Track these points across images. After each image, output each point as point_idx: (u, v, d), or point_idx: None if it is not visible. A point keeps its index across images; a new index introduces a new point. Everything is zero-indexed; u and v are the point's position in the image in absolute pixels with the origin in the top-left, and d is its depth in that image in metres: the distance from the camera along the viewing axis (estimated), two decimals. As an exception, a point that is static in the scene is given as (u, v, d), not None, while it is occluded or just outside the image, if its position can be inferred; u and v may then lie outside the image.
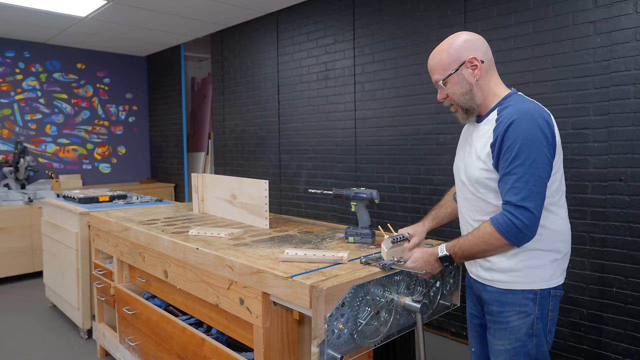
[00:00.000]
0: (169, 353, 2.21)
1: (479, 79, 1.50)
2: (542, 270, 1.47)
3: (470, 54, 1.48)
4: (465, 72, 1.49)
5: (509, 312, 1.49)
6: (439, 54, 1.53)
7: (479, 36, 1.54)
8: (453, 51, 1.50)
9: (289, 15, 4.40)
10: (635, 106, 2.45)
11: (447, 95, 1.54)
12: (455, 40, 1.52)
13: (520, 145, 1.36)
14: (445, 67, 1.51)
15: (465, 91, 1.50)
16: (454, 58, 1.50)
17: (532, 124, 1.37)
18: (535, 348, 1.48)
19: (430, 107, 3.33)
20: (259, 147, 4.84)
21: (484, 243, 1.41)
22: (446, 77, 1.51)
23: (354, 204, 2.00)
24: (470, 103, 1.51)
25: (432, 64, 1.55)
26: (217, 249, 1.88)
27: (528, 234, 1.36)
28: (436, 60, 1.53)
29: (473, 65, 1.49)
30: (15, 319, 3.70)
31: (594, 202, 2.61)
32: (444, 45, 1.53)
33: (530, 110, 1.40)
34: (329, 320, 1.36)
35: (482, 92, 1.51)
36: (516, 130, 1.37)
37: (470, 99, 1.51)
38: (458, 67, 1.49)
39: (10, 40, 5.45)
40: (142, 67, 6.61)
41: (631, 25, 2.44)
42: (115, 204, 3.48)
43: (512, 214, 1.35)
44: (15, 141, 5.40)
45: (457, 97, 1.51)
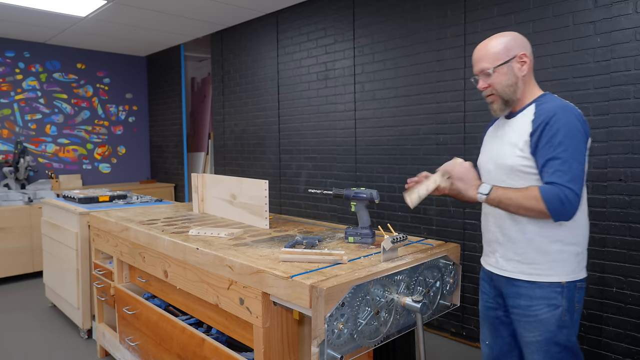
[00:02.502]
0: (169, 353, 2.21)
1: (525, 75, 1.61)
2: (567, 263, 1.54)
3: (522, 50, 1.60)
4: (514, 65, 1.59)
5: (539, 306, 1.55)
6: (490, 45, 1.62)
7: (525, 38, 1.65)
8: (506, 45, 1.60)
9: (289, 15, 4.40)
10: (635, 106, 2.45)
11: (489, 84, 1.62)
12: (507, 35, 1.62)
13: (564, 134, 1.45)
14: (497, 58, 1.59)
15: (511, 83, 1.59)
16: (506, 50, 1.59)
17: (573, 117, 1.49)
18: (566, 338, 1.55)
19: (430, 107, 3.33)
20: (259, 147, 4.84)
21: (525, 199, 1.46)
22: (496, 67, 1.59)
23: (354, 204, 2.00)
24: (512, 95, 1.61)
25: (481, 54, 1.64)
26: (217, 249, 1.88)
27: (567, 212, 1.44)
28: (487, 50, 1.62)
29: (522, 61, 1.59)
30: (15, 319, 3.70)
31: (593, 202, 2.61)
32: (496, 38, 1.63)
33: (569, 106, 1.52)
34: (329, 320, 1.36)
35: (524, 87, 1.62)
36: (559, 121, 1.47)
37: (513, 91, 1.60)
38: (509, 60, 1.58)
39: (10, 40, 5.45)
40: (142, 67, 6.61)
41: (631, 25, 2.44)
42: (115, 204, 3.48)
43: (560, 189, 1.43)
44: (15, 141, 5.40)
45: (501, 88, 1.60)
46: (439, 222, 3.33)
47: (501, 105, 1.63)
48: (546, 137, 1.48)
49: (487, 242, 1.74)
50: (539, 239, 1.54)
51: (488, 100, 1.67)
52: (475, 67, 1.67)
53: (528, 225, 1.55)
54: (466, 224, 3.18)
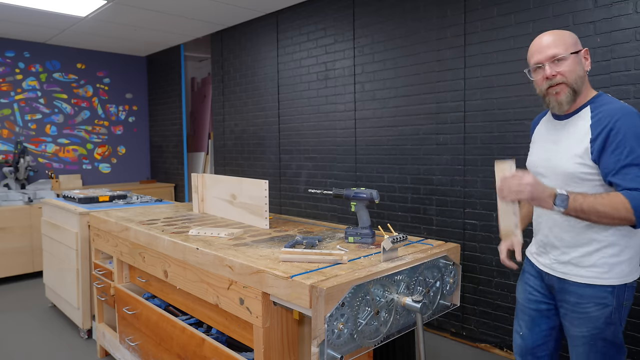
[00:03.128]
0: (169, 353, 2.21)
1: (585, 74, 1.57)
2: (621, 266, 1.52)
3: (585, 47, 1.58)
4: (583, 57, 1.57)
5: (588, 304, 1.55)
6: (561, 34, 1.57)
7: None
8: (574, 38, 1.58)
9: (289, 15, 4.40)
10: (635, 106, 2.43)
11: (559, 73, 1.54)
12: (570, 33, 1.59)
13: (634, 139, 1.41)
14: (570, 46, 1.55)
15: (582, 74, 1.55)
16: (576, 42, 1.57)
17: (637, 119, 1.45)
18: (613, 334, 1.56)
19: (430, 107, 3.33)
20: (259, 147, 4.84)
21: (611, 207, 1.40)
22: (570, 54, 1.53)
23: (354, 204, 2.00)
24: (581, 87, 1.55)
25: (551, 40, 1.56)
26: (217, 249, 1.88)
27: None
28: (558, 38, 1.56)
29: (586, 57, 1.58)
30: (15, 319, 3.70)
31: (594, 202, 2.61)
32: (562, 31, 1.59)
33: (630, 108, 1.48)
34: (329, 320, 1.36)
35: (586, 85, 1.58)
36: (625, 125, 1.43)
37: (582, 83, 1.55)
38: (579, 51, 1.56)
39: (10, 40, 5.45)
40: (142, 67, 6.61)
41: (631, 25, 2.44)
42: (115, 204, 3.48)
43: None
44: (15, 141, 5.40)
45: (574, 76, 1.53)
46: (439, 222, 3.33)
47: (569, 96, 1.54)
48: (614, 144, 1.43)
49: (540, 243, 1.71)
50: (596, 244, 1.53)
51: (553, 90, 1.56)
52: (540, 54, 1.56)
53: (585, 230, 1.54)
54: (466, 224, 3.18)
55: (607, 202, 1.40)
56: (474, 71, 3.08)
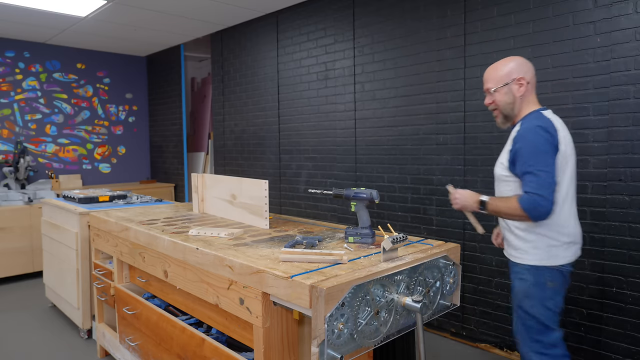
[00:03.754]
0: (169, 353, 2.21)
1: (522, 95, 1.92)
2: (537, 251, 1.88)
3: (521, 74, 1.91)
4: (513, 87, 1.92)
5: (515, 278, 1.95)
6: (496, 68, 1.96)
7: (530, 63, 1.95)
8: (508, 69, 1.92)
9: (289, 15, 4.40)
10: (635, 106, 2.45)
11: (493, 101, 1.96)
12: (511, 60, 1.95)
13: (531, 152, 1.79)
14: (500, 79, 1.93)
15: (510, 101, 1.93)
16: (508, 74, 1.92)
17: (538, 136, 1.79)
18: (530, 307, 1.88)
19: (430, 107, 3.33)
20: (259, 147, 4.84)
21: (511, 209, 1.81)
22: (498, 87, 1.93)
23: (354, 204, 2.00)
24: (510, 112, 1.95)
25: (489, 75, 1.97)
26: (217, 249, 1.88)
27: (541, 213, 1.76)
28: (491, 73, 1.96)
29: (520, 83, 1.91)
30: (15, 319, 3.70)
31: (594, 202, 2.61)
32: (501, 62, 1.96)
33: (533, 125, 1.82)
34: (329, 320, 1.36)
35: (520, 106, 1.94)
36: (527, 141, 1.81)
37: (511, 108, 1.94)
38: (510, 81, 1.91)
39: (10, 40, 5.45)
40: (142, 67, 6.61)
41: (631, 25, 2.44)
42: (115, 204, 3.48)
43: (530, 196, 1.76)
44: (15, 141, 5.40)
45: (502, 105, 1.94)
46: (439, 222, 3.33)
47: (502, 119, 1.98)
48: (519, 155, 1.82)
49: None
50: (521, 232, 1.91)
51: (493, 114, 2.02)
52: (484, 85, 2.00)
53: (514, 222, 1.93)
54: (466, 224, 3.18)
55: (508, 205, 1.82)
56: (474, 71, 3.08)
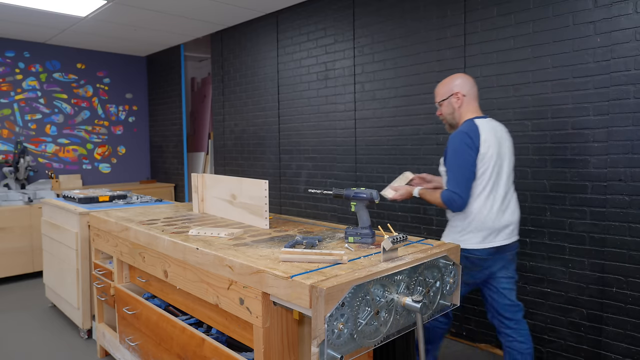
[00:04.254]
0: (169, 353, 2.21)
1: (460, 107, 2.29)
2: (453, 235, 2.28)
3: (458, 89, 2.28)
4: (452, 100, 2.30)
5: None
6: (440, 85, 2.35)
7: (470, 78, 2.32)
8: (449, 86, 2.31)
9: (289, 15, 4.40)
10: (635, 106, 2.45)
11: (441, 112, 2.37)
12: (456, 78, 2.32)
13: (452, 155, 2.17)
14: (442, 94, 2.33)
15: (451, 112, 2.33)
16: (449, 89, 2.31)
17: (459, 141, 2.16)
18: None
19: (430, 107, 3.33)
20: (259, 147, 4.84)
21: (436, 200, 2.24)
22: (441, 101, 2.34)
23: (354, 204, 2.00)
24: (452, 121, 2.34)
25: (436, 91, 2.37)
26: (217, 249, 1.88)
27: (457, 207, 2.17)
28: (437, 89, 2.36)
29: (457, 97, 2.28)
30: (15, 319, 3.70)
31: (594, 202, 2.61)
32: (446, 79, 2.34)
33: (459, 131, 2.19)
34: (329, 320, 1.36)
35: (460, 115, 2.31)
36: (450, 146, 2.19)
37: (452, 118, 2.33)
38: (449, 96, 2.30)
39: (10, 40, 5.45)
40: (142, 67, 6.61)
41: (631, 25, 2.44)
42: (115, 204, 3.48)
43: (447, 193, 2.17)
44: (15, 141, 5.40)
45: (446, 115, 2.35)
46: (439, 222, 3.33)
47: (448, 126, 2.39)
48: (445, 156, 2.21)
49: None
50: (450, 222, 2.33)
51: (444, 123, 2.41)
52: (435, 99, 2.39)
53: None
54: (466, 224, 3.18)
55: (434, 197, 2.24)
56: (474, 71, 3.08)
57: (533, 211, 2.86)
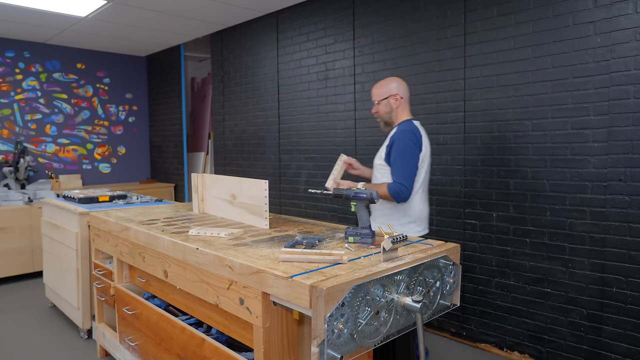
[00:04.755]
0: (169, 353, 2.21)
1: (397, 108, 2.48)
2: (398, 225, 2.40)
3: (397, 92, 2.47)
4: (391, 101, 2.48)
5: None
6: (379, 85, 2.52)
7: (405, 82, 2.52)
8: (387, 87, 2.49)
9: (289, 15, 4.40)
10: (635, 106, 2.45)
11: (377, 111, 2.52)
12: (392, 80, 2.51)
13: (399, 151, 2.34)
14: (382, 95, 2.49)
15: (388, 111, 2.50)
16: (387, 90, 2.48)
17: (406, 139, 2.35)
18: None
19: (430, 107, 3.33)
20: (259, 147, 4.84)
21: (382, 192, 2.30)
22: (381, 100, 2.49)
23: (354, 204, 2.00)
24: (389, 119, 2.51)
25: (374, 90, 2.52)
26: (217, 249, 1.88)
27: (402, 197, 2.30)
28: (376, 89, 2.52)
29: (396, 99, 2.47)
30: (15, 319, 3.70)
31: (594, 202, 2.61)
32: (384, 81, 2.52)
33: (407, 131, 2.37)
34: (329, 320, 1.36)
35: (396, 116, 2.49)
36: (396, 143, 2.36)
37: (389, 117, 2.51)
38: (388, 96, 2.48)
39: (10, 40, 5.45)
40: (142, 67, 6.61)
41: (631, 25, 2.44)
42: (115, 204, 3.48)
43: (395, 184, 2.30)
44: (15, 141, 5.40)
45: (383, 113, 2.51)
46: (439, 222, 3.33)
47: (383, 125, 2.55)
48: (392, 151, 2.36)
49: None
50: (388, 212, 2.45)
51: (378, 120, 2.57)
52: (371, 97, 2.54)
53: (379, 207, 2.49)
54: (466, 224, 3.18)
55: (380, 190, 2.30)
56: (474, 71, 3.08)
57: (533, 211, 2.86)
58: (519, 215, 2.92)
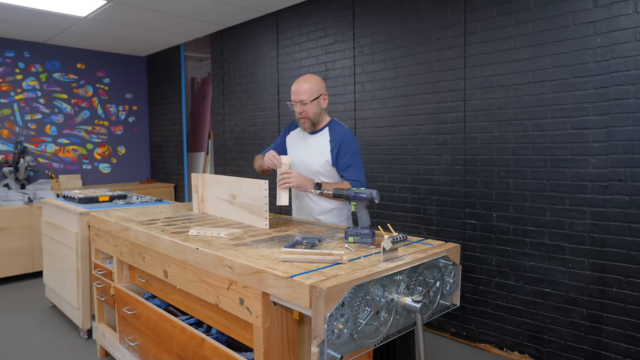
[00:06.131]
0: (169, 353, 2.21)
1: (324, 107, 2.48)
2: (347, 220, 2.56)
3: (324, 90, 2.47)
4: (321, 100, 2.45)
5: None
6: (309, 83, 2.41)
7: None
8: (318, 85, 2.43)
9: (289, 15, 4.40)
10: (635, 106, 2.45)
11: (304, 111, 2.42)
12: (318, 78, 2.46)
13: (353, 151, 2.41)
14: (312, 94, 2.41)
15: (318, 112, 2.45)
16: (318, 89, 2.43)
17: (353, 138, 2.46)
18: None
19: (430, 107, 3.33)
20: (259, 147, 4.84)
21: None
22: (312, 100, 2.40)
23: (354, 204, 2.00)
24: (317, 119, 2.47)
25: (303, 88, 2.40)
26: (217, 249, 1.88)
27: None
28: (306, 87, 2.41)
29: (325, 98, 2.47)
30: (15, 319, 3.70)
31: (594, 202, 2.61)
32: (311, 79, 2.44)
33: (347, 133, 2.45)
34: (329, 320, 1.36)
35: (323, 115, 2.50)
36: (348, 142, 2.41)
37: (318, 117, 2.47)
38: (319, 96, 2.43)
39: (10, 40, 5.45)
40: (142, 67, 6.61)
41: (631, 25, 2.44)
42: (115, 204, 3.48)
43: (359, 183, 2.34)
44: (15, 141, 5.40)
45: (312, 114, 2.43)
46: (439, 222, 3.33)
47: (310, 125, 2.47)
48: (342, 153, 2.40)
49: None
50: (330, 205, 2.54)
51: (301, 120, 2.46)
52: (295, 97, 2.42)
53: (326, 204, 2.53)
54: (466, 224, 3.18)
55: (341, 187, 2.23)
56: (474, 71, 3.08)
57: (533, 211, 2.86)
58: (519, 215, 2.92)
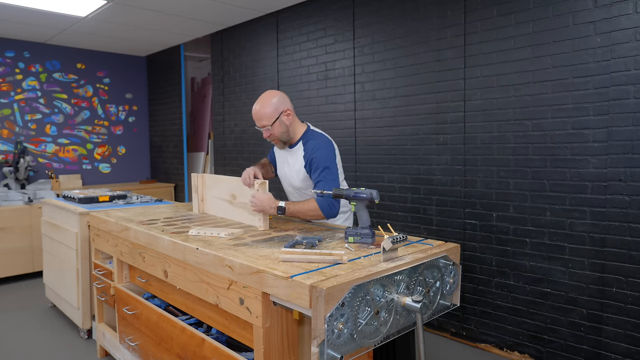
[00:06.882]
0: (169, 353, 2.21)
1: (292, 122, 2.36)
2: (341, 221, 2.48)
3: (285, 106, 2.34)
4: (283, 118, 2.33)
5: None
6: (264, 107, 2.31)
7: (282, 92, 2.40)
8: (274, 106, 2.31)
9: (289, 15, 4.40)
10: (635, 106, 2.45)
11: (271, 134, 2.33)
12: (273, 96, 2.34)
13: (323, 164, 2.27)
14: (271, 116, 2.30)
15: (284, 130, 2.35)
16: (275, 109, 2.30)
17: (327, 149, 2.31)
18: None
19: (430, 107, 3.33)
20: (259, 147, 4.84)
21: (309, 210, 2.25)
22: (273, 123, 2.30)
23: (354, 204, 2.00)
24: (287, 138, 2.37)
25: (259, 114, 2.31)
26: (217, 249, 1.88)
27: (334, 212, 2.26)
28: (263, 112, 2.30)
29: (287, 114, 2.34)
30: (15, 319, 3.70)
31: (593, 202, 2.61)
32: (266, 101, 2.32)
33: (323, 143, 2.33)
34: (329, 320, 1.36)
35: (294, 130, 2.38)
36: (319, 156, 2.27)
37: (287, 135, 2.36)
38: (279, 116, 2.31)
39: (10, 40, 5.45)
40: (142, 67, 6.61)
41: (631, 25, 2.44)
42: (115, 204, 3.48)
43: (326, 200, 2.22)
44: (15, 141, 5.40)
45: (279, 135, 2.34)
46: (439, 222, 3.33)
47: (281, 144, 2.39)
48: (314, 169, 2.28)
49: None
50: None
51: (273, 142, 2.40)
52: (258, 123, 2.34)
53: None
54: (466, 224, 3.18)
55: (307, 207, 2.24)
56: (474, 71, 3.08)
57: (533, 211, 2.86)
58: (519, 215, 2.92)
